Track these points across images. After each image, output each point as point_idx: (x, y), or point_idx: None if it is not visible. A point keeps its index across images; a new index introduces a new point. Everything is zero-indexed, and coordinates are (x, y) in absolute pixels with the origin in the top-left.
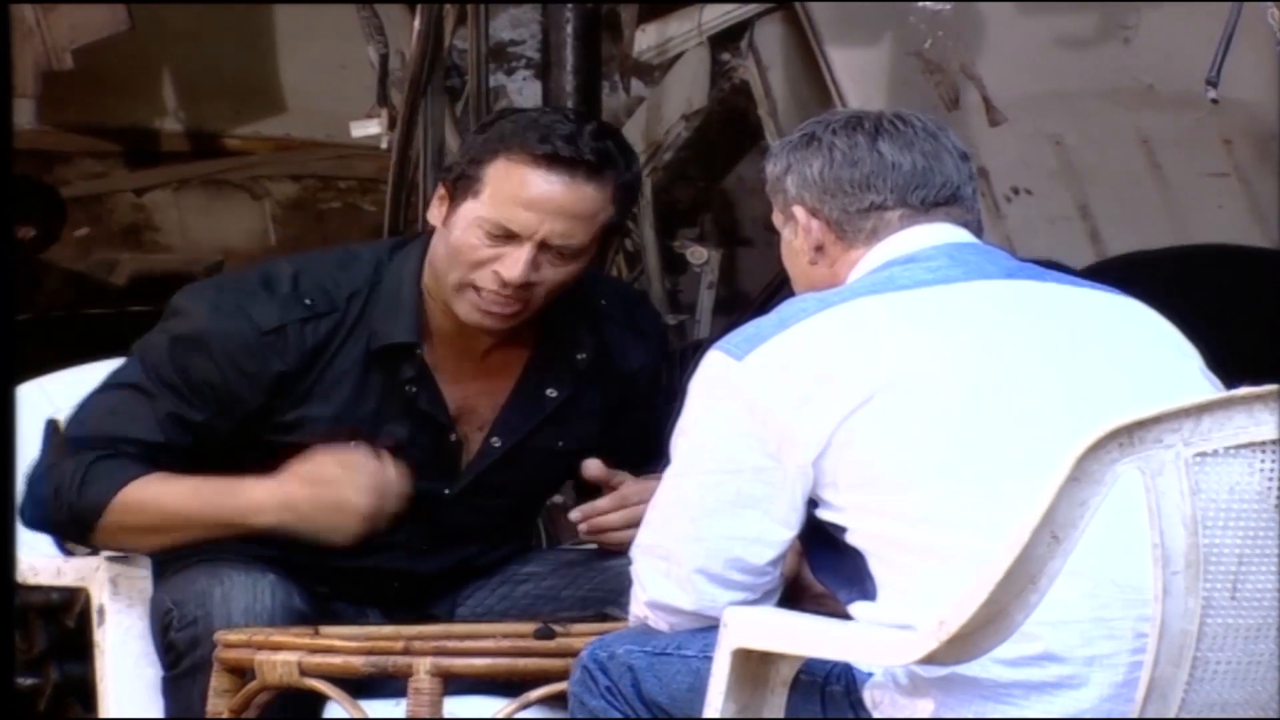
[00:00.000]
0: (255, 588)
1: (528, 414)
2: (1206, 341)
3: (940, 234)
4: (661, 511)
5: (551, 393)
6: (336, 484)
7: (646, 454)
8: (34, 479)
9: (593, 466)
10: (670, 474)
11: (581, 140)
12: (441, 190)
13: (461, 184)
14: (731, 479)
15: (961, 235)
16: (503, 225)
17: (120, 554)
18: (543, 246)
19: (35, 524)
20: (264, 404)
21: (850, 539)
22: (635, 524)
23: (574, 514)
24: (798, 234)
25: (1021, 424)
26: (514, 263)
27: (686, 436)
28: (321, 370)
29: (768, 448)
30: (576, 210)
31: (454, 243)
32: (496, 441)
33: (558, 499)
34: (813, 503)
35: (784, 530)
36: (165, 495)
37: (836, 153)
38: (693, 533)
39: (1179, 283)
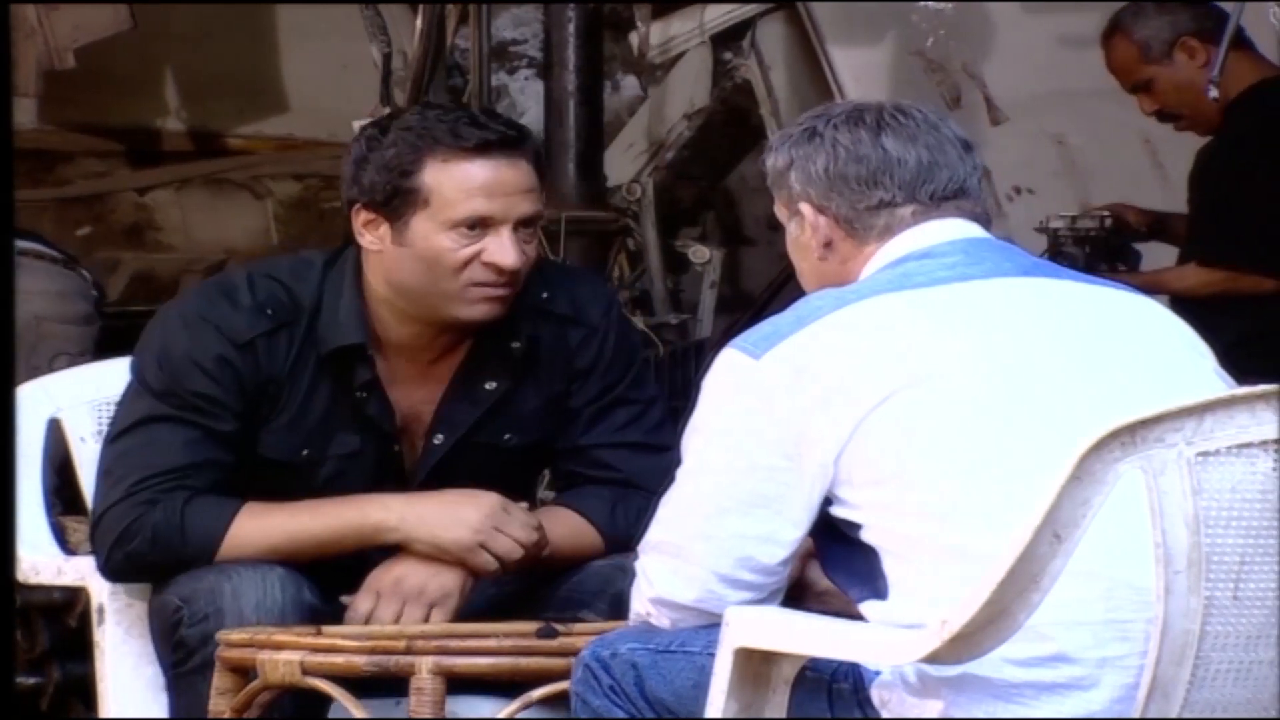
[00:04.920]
0: (264, 582)
1: (467, 407)
2: None
3: (954, 229)
4: (673, 509)
5: (490, 385)
6: (457, 503)
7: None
8: (112, 533)
9: None
10: (683, 472)
11: (488, 122)
12: (367, 215)
13: (397, 201)
14: (745, 478)
15: (975, 230)
16: (478, 216)
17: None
18: (515, 226)
19: (129, 575)
20: (247, 416)
21: (865, 536)
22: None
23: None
24: (805, 229)
25: (1040, 423)
26: (505, 248)
27: (700, 435)
28: (281, 381)
29: (784, 447)
30: (528, 184)
31: (425, 254)
32: (439, 438)
33: (549, 495)
34: (827, 500)
35: (795, 530)
36: (283, 521)
37: (840, 149)
38: (704, 531)
39: None
